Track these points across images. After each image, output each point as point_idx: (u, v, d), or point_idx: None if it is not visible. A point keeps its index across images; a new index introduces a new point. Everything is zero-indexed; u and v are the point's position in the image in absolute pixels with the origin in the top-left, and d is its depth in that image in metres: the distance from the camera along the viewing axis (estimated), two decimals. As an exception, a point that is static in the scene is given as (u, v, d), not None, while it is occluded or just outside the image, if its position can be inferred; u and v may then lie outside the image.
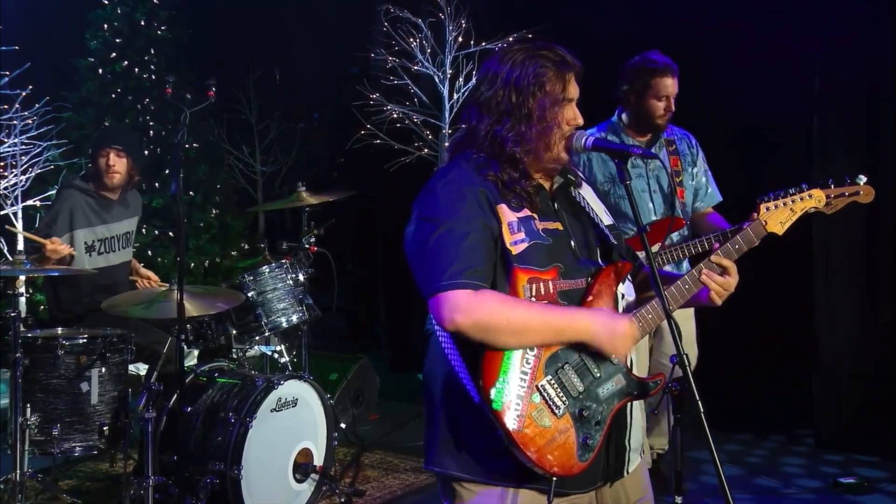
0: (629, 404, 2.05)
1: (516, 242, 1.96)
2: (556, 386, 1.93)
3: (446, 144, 5.68)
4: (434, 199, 1.98)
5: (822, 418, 5.11)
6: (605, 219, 2.18)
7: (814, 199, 2.21)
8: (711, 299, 2.10)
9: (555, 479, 1.89)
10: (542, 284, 1.97)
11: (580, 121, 2.07)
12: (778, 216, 2.17)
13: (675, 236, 3.90)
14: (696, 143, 4.08)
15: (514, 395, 1.88)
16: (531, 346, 1.92)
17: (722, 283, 2.08)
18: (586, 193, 2.20)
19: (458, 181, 2.00)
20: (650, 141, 3.94)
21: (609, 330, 1.94)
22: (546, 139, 2.02)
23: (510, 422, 1.86)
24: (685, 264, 3.80)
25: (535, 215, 2.02)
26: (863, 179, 2.32)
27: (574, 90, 2.06)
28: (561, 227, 2.06)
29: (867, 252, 4.96)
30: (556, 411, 1.91)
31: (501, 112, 2.03)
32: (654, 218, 3.89)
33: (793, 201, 2.19)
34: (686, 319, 4.02)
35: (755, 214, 2.18)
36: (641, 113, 3.87)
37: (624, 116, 3.95)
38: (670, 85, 3.80)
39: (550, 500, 1.89)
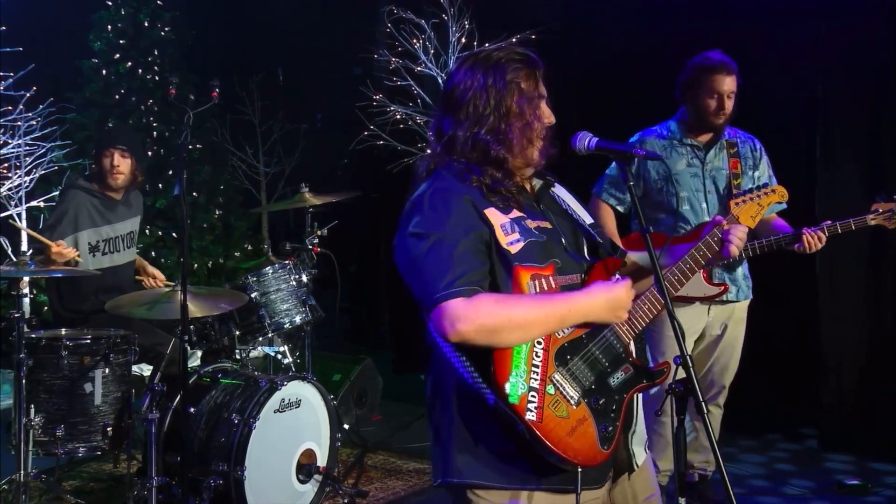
0: (635, 397, 2.07)
1: (512, 242, 1.96)
2: (567, 377, 1.94)
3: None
4: (420, 213, 1.96)
5: (827, 419, 5.10)
6: (586, 218, 2.20)
7: (777, 194, 2.45)
8: (731, 252, 2.23)
9: (580, 469, 1.88)
10: (544, 280, 1.97)
11: (553, 119, 2.09)
12: (748, 210, 2.38)
13: None
14: (761, 146, 4.00)
15: (528, 387, 1.88)
16: (538, 339, 1.92)
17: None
18: (562, 194, 2.22)
19: (441, 191, 1.98)
20: (710, 141, 3.88)
21: (607, 301, 1.96)
22: (528, 135, 2.04)
23: (529, 414, 1.85)
24: (716, 270, 3.78)
25: (525, 215, 2.03)
26: None
27: (543, 88, 2.08)
28: (550, 226, 2.07)
29: (872, 253, 4.95)
30: (572, 401, 1.92)
31: (480, 115, 2.02)
32: (706, 219, 3.80)
33: (759, 196, 2.42)
34: (737, 323, 3.99)
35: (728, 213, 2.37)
36: (698, 111, 3.83)
37: (686, 116, 3.92)
38: (725, 83, 3.75)
39: (579, 490, 1.88)
